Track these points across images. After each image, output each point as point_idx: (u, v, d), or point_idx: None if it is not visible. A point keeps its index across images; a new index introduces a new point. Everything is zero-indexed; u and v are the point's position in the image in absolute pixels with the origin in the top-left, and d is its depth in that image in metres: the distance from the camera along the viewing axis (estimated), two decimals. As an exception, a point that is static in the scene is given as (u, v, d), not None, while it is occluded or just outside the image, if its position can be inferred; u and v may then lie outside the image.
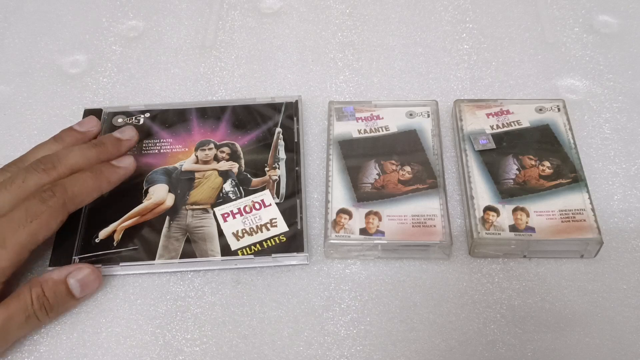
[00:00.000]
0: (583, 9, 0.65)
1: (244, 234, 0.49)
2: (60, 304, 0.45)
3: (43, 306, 0.44)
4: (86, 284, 0.46)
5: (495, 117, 0.55)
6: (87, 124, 0.53)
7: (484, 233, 0.48)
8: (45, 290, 0.44)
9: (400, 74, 0.61)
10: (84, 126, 0.53)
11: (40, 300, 0.44)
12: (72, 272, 0.46)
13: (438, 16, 0.65)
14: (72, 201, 0.46)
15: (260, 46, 0.64)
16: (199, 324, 0.47)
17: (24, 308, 0.43)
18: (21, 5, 0.69)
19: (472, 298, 0.47)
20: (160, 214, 0.50)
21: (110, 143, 0.51)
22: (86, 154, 0.49)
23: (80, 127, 0.53)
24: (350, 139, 0.54)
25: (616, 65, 0.61)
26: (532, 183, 0.50)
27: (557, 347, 0.45)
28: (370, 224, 0.49)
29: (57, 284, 0.45)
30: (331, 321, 0.46)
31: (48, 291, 0.44)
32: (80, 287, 0.46)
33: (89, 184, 0.47)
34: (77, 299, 0.46)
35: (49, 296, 0.44)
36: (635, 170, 0.54)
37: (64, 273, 0.46)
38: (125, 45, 0.65)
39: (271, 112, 0.57)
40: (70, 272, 0.46)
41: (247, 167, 0.53)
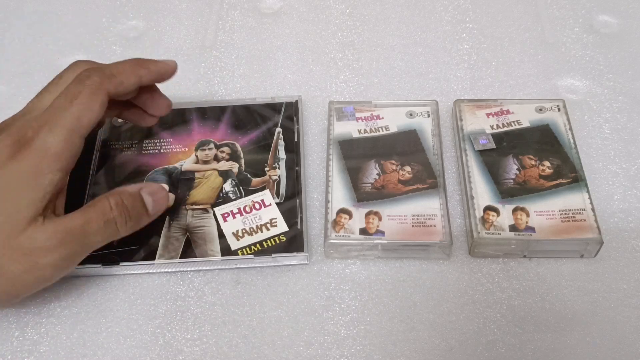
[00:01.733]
0: (583, 9, 0.65)
1: (244, 234, 0.49)
2: (136, 216, 0.45)
3: (122, 213, 0.44)
4: (157, 200, 0.47)
5: (495, 117, 0.55)
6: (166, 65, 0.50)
7: (484, 233, 0.48)
8: (124, 199, 0.44)
9: (400, 74, 0.61)
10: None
11: (119, 207, 0.44)
12: (144, 188, 0.46)
13: (438, 16, 0.65)
14: (110, 80, 0.44)
15: (260, 46, 0.64)
16: (199, 324, 0.47)
17: (102, 212, 0.43)
18: (21, 5, 0.69)
19: (472, 298, 0.47)
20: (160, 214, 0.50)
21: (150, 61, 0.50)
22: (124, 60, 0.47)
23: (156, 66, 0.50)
24: (350, 139, 0.54)
25: (616, 65, 0.61)
26: (532, 183, 0.50)
27: (557, 347, 0.45)
28: (370, 224, 0.49)
29: (134, 195, 0.45)
30: (331, 321, 0.46)
31: (126, 199, 0.44)
32: (153, 202, 0.46)
33: (127, 67, 0.46)
34: (150, 215, 0.46)
35: (128, 204, 0.44)
36: (635, 170, 0.54)
37: (138, 186, 0.46)
38: (125, 45, 0.65)
39: (271, 112, 0.57)
40: (142, 187, 0.46)
41: (247, 167, 0.53)
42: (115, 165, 0.54)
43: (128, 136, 0.56)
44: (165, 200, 0.48)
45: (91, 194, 0.52)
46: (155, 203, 0.47)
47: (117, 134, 0.56)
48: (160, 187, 0.48)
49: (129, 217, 0.45)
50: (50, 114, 0.42)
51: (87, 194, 0.52)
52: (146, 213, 0.46)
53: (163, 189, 0.48)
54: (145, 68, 0.47)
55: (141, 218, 0.46)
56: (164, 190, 0.48)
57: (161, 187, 0.48)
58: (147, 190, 0.46)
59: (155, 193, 0.47)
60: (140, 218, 0.46)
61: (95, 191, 0.52)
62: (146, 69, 0.47)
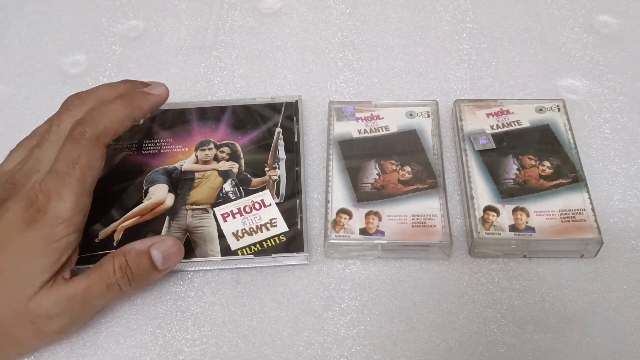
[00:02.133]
0: (583, 9, 0.65)
1: (243, 234, 0.49)
2: (143, 275, 0.44)
3: (126, 275, 0.43)
4: (169, 256, 0.45)
5: (495, 117, 0.55)
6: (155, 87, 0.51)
7: (484, 233, 0.48)
8: (128, 260, 0.44)
9: (400, 74, 0.61)
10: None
11: (123, 270, 0.43)
12: (155, 244, 0.45)
13: (438, 16, 0.65)
14: (106, 134, 0.44)
15: (260, 46, 0.64)
16: (198, 324, 0.47)
17: (105, 276, 0.43)
18: (21, 5, 0.69)
19: (472, 298, 0.47)
20: (160, 214, 0.50)
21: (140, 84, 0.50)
22: (115, 88, 0.48)
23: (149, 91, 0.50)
24: (350, 139, 0.54)
25: (616, 65, 0.61)
26: (532, 183, 0.50)
27: (557, 347, 0.45)
28: (370, 224, 0.49)
29: (140, 254, 0.44)
30: (331, 321, 0.46)
31: (131, 261, 0.44)
32: (163, 259, 0.45)
33: (120, 113, 0.45)
34: (160, 271, 0.45)
35: (132, 266, 0.44)
36: (635, 170, 0.54)
37: (147, 244, 0.45)
38: (125, 45, 0.65)
39: (271, 112, 0.57)
40: (153, 243, 0.45)
41: (247, 167, 0.53)
42: (115, 165, 0.54)
43: (128, 136, 0.56)
44: (178, 255, 0.46)
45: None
46: (166, 259, 0.45)
47: (117, 134, 0.56)
48: (174, 242, 0.46)
49: (133, 279, 0.44)
50: (56, 180, 0.42)
51: (87, 194, 0.52)
52: (155, 270, 0.45)
53: (176, 244, 0.46)
54: (138, 108, 0.47)
55: (149, 276, 0.45)
56: (176, 245, 0.46)
57: (174, 243, 0.46)
58: (158, 247, 0.45)
59: (166, 250, 0.45)
60: (148, 276, 0.45)
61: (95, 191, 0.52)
62: (139, 109, 0.47)
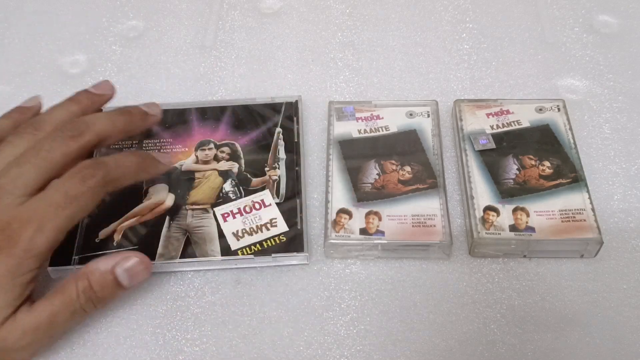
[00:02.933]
0: (583, 9, 0.65)
1: (244, 234, 0.49)
2: (108, 295, 0.43)
3: (90, 300, 0.42)
4: (134, 273, 0.44)
5: (495, 117, 0.55)
6: (103, 87, 0.50)
7: (484, 233, 0.48)
8: (92, 283, 0.42)
9: (400, 74, 0.61)
10: (100, 89, 0.50)
11: (86, 294, 0.42)
12: (119, 262, 0.43)
13: (438, 16, 0.65)
14: (113, 184, 0.43)
15: (260, 46, 0.64)
16: (198, 324, 0.47)
17: (69, 302, 0.41)
18: (21, 5, 0.69)
19: (472, 298, 0.47)
20: (160, 214, 0.50)
21: (137, 114, 0.48)
22: (114, 121, 0.46)
23: (96, 90, 0.49)
24: (350, 139, 0.54)
25: (616, 65, 0.61)
26: (532, 183, 0.50)
27: (557, 347, 0.45)
28: (370, 224, 0.49)
29: (105, 275, 0.42)
30: (331, 321, 0.46)
31: (95, 283, 0.42)
32: (129, 277, 0.43)
33: (132, 169, 0.45)
34: (126, 289, 0.44)
35: (96, 289, 0.42)
36: (635, 170, 0.54)
37: (111, 263, 0.43)
38: (125, 45, 0.65)
39: (271, 112, 0.57)
40: (117, 261, 0.43)
41: (247, 167, 0.53)
42: (115, 165, 0.54)
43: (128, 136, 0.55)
44: (145, 272, 0.44)
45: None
46: (132, 277, 0.44)
47: (117, 134, 0.56)
48: (139, 258, 0.44)
49: (98, 301, 0.43)
50: (44, 208, 0.40)
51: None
52: (121, 289, 0.44)
53: (142, 262, 0.44)
54: (146, 172, 0.46)
55: (114, 295, 0.44)
56: (143, 263, 0.44)
57: (139, 259, 0.44)
58: (122, 264, 0.43)
59: (132, 268, 0.43)
60: (114, 294, 0.44)
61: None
62: (147, 173, 0.47)
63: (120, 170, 0.44)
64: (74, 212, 0.41)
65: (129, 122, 0.47)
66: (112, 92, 0.50)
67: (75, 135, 0.43)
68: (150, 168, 0.47)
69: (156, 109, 0.50)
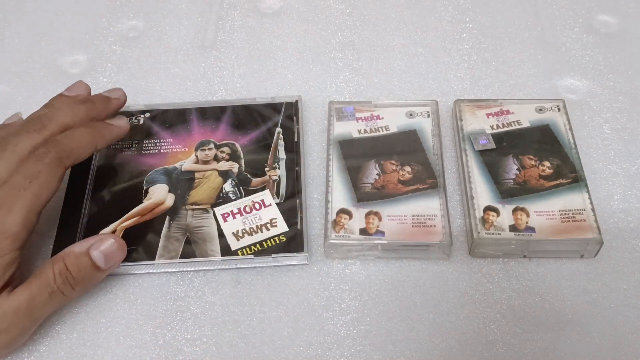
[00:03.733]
0: (583, 9, 0.65)
1: (244, 234, 0.49)
2: (85, 277, 0.44)
3: (67, 281, 0.43)
4: (110, 254, 0.45)
5: (495, 117, 0.55)
6: (77, 88, 0.51)
7: (484, 233, 0.48)
8: (67, 265, 0.43)
9: (400, 74, 0.61)
10: (74, 90, 0.50)
11: (63, 275, 0.43)
12: (94, 244, 0.45)
13: (438, 16, 0.65)
14: (68, 156, 0.45)
15: (260, 46, 0.64)
16: (199, 324, 0.47)
17: (46, 284, 0.42)
18: (21, 5, 0.69)
19: (472, 298, 0.47)
20: (160, 214, 0.50)
21: (98, 101, 0.50)
22: (75, 111, 0.48)
23: (69, 92, 0.50)
24: (350, 139, 0.54)
25: (616, 65, 0.61)
26: (532, 183, 0.50)
27: (557, 347, 0.45)
28: (370, 224, 0.49)
29: (80, 257, 0.44)
30: (331, 321, 0.46)
31: (71, 265, 0.43)
32: (105, 258, 0.45)
33: (85, 139, 0.46)
34: (104, 271, 0.45)
35: (72, 270, 0.43)
36: (635, 170, 0.54)
37: (86, 245, 0.44)
38: (125, 45, 0.65)
39: (271, 112, 0.57)
40: (92, 244, 0.45)
41: (247, 167, 0.53)
42: (115, 165, 0.54)
43: (128, 136, 0.55)
44: (119, 252, 0.46)
45: (91, 194, 0.52)
46: (108, 258, 0.45)
47: (117, 134, 0.56)
48: (114, 240, 0.46)
49: (75, 283, 0.43)
50: (8, 192, 0.42)
51: (87, 195, 0.52)
52: (98, 270, 0.45)
53: (116, 242, 0.46)
54: (101, 138, 0.48)
55: (92, 277, 0.45)
56: (117, 243, 0.46)
57: (114, 240, 0.46)
58: (97, 247, 0.45)
59: (107, 249, 0.45)
60: (91, 278, 0.45)
61: (95, 191, 0.52)
62: (102, 138, 0.48)
63: (73, 142, 0.45)
64: (37, 190, 0.43)
65: (91, 109, 0.49)
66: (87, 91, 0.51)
67: (39, 128, 0.45)
68: (105, 134, 0.48)
69: (119, 92, 0.52)
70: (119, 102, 0.51)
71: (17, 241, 0.42)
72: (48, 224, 0.51)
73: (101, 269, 0.45)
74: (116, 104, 0.51)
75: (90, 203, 0.51)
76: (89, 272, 0.44)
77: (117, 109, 0.51)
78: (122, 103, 0.52)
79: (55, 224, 0.50)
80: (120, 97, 0.51)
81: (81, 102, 0.49)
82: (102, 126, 0.48)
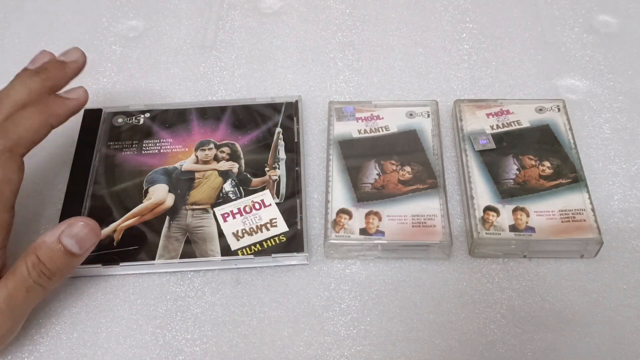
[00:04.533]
0: (583, 9, 0.65)
1: (244, 234, 0.49)
2: (60, 266, 0.42)
3: (42, 273, 0.41)
4: (82, 239, 0.42)
5: (495, 117, 0.55)
6: (39, 59, 0.47)
7: (484, 233, 0.48)
8: (40, 256, 0.41)
9: (400, 74, 0.61)
10: (36, 62, 0.47)
11: (37, 269, 0.41)
12: (65, 230, 0.42)
13: (438, 16, 0.65)
14: (19, 144, 0.42)
15: (260, 46, 0.64)
16: (199, 324, 0.47)
17: (21, 281, 0.41)
18: (21, 5, 0.69)
19: (472, 298, 0.47)
20: (160, 214, 0.50)
21: (53, 67, 0.46)
22: (28, 85, 0.44)
23: (32, 64, 0.47)
24: (350, 139, 0.54)
25: (616, 65, 0.61)
26: (532, 183, 0.50)
27: (557, 347, 0.45)
28: (370, 224, 0.49)
29: (52, 246, 0.41)
30: (331, 321, 0.46)
31: (43, 256, 0.41)
32: (77, 243, 0.42)
33: (35, 121, 0.43)
34: (80, 256, 0.43)
35: (45, 261, 0.41)
36: (635, 170, 0.54)
37: (57, 233, 0.42)
38: (125, 45, 0.65)
39: (271, 112, 0.57)
40: (62, 230, 0.42)
41: (247, 167, 0.53)
42: (115, 165, 0.54)
43: (128, 136, 0.56)
44: (92, 234, 0.43)
45: (91, 194, 0.52)
46: (82, 243, 0.42)
47: (117, 134, 0.56)
48: (84, 223, 0.42)
49: (51, 274, 0.42)
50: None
51: (87, 195, 0.52)
52: (73, 257, 0.42)
53: (87, 225, 0.42)
54: (54, 115, 0.44)
55: (68, 265, 0.42)
56: (88, 226, 0.42)
57: (85, 224, 0.42)
58: (68, 233, 0.42)
59: (78, 233, 0.42)
60: (68, 265, 0.42)
61: (95, 191, 0.52)
62: (55, 115, 0.45)
63: (21, 128, 0.42)
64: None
65: (46, 79, 0.45)
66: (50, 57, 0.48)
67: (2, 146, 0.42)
68: (57, 109, 0.45)
69: (75, 54, 0.48)
70: (77, 65, 0.47)
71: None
72: (48, 223, 0.51)
73: (76, 254, 0.42)
74: (74, 67, 0.47)
75: (90, 203, 0.51)
76: (64, 260, 0.42)
77: (76, 73, 0.48)
78: (81, 65, 0.48)
79: (55, 224, 0.50)
80: (78, 59, 0.47)
81: (34, 73, 0.45)
82: (54, 101, 0.45)
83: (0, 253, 0.42)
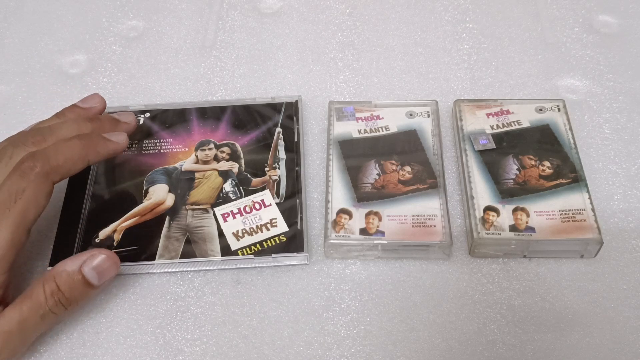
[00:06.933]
0: (583, 9, 0.65)
1: (244, 234, 0.49)
2: (78, 296, 0.43)
3: (59, 302, 0.42)
4: (103, 270, 0.43)
5: (495, 117, 0.55)
6: (91, 101, 0.50)
7: (484, 233, 0.48)
8: (59, 285, 0.41)
9: (400, 74, 0.61)
10: (87, 102, 0.50)
11: (55, 297, 0.41)
12: (87, 261, 0.43)
13: (438, 16, 0.65)
14: (56, 171, 0.43)
15: (260, 46, 0.64)
16: (199, 324, 0.47)
17: (37, 307, 0.41)
18: (21, 5, 0.69)
19: (472, 298, 0.47)
20: (160, 214, 0.50)
21: (107, 120, 0.48)
22: (80, 127, 0.46)
23: (83, 104, 0.50)
24: (350, 139, 0.54)
25: (616, 65, 0.61)
26: (532, 183, 0.50)
27: (557, 347, 0.45)
28: (370, 224, 0.49)
29: (72, 275, 0.42)
30: (331, 321, 0.46)
31: (63, 285, 0.42)
32: (98, 275, 0.43)
33: (75, 153, 0.44)
34: (97, 287, 0.44)
35: (65, 290, 0.42)
36: (635, 170, 0.54)
37: (78, 263, 0.42)
38: (125, 45, 0.65)
39: (271, 112, 0.57)
40: (84, 260, 0.43)
41: (247, 167, 0.53)
42: (115, 165, 0.54)
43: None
44: (114, 268, 0.44)
45: (91, 194, 0.52)
46: (101, 274, 0.43)
47: (117, 134, 0.56)
48: (106, 254, 0.44)
49: (68, 303, 0.42)
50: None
51: (87, 195, 0.52)
52: (91, 288, 0.43)
53: (110, 256, 0.44)
54: (94, 152, 0.45)
55: (85, 295, 0.43)
56: (111, 257, 0.44)
57: (107, 255, 0.44)
58: (89, 263, 0.43)
59: (99, 265, 0.43)
60: (84, 296, 0.43)
61: (95, 191, 0.52)
62: (95, 153, 0.45)
63: (61, 156, 0.43)
64: (23, 207, 0.41)
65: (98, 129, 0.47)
66: (102, 105, 0.51)
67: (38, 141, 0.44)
68: (99, 148, 0.46)
69: (129, 117, 0.51)
70: (128, 127, 0.50)
71: (5, 263, 0.41)
72: (48, 224, 0.51)
73: (94, 286, 0.43)
74: (125, 127, 0.50)
75: (90, 203, 0.51)
76: (82, 290, 0.43)
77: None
78: (131, 128, 0.50)
79: (55, 224, 0.50)
80: (131, 122, 0.50)
81: (89, 119, 0.48)
82: (97, 139, 0.46)
83: (7, 276, 0.42)
